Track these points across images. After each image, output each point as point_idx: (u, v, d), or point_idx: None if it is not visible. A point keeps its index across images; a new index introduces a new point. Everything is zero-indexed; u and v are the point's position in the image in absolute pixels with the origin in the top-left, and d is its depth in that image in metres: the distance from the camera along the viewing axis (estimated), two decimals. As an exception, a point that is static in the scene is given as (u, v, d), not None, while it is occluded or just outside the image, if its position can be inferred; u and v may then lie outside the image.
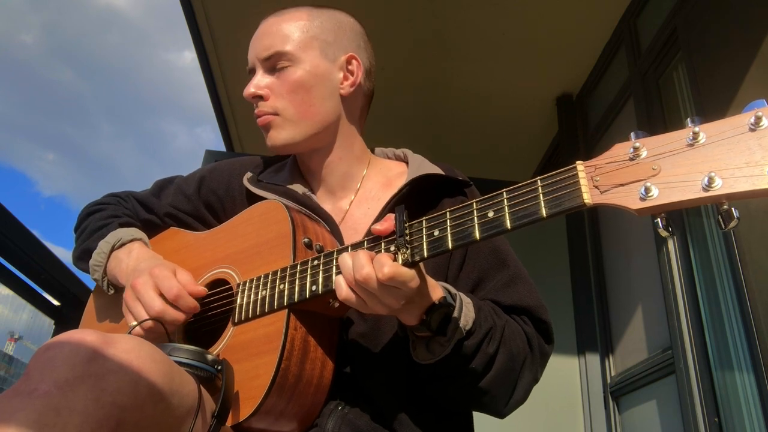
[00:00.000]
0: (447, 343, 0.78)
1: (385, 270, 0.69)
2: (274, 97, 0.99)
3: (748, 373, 1.67)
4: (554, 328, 0.94)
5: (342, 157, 1.04)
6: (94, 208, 1.14)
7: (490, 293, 0.93)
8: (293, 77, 0.98)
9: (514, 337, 0.86)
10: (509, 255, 0.97)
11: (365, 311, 0.75)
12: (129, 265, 0.98)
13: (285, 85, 0.99)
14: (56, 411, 0.55)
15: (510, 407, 0.88)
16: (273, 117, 0.99)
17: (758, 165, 0.53)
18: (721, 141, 0.56)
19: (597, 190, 0.61)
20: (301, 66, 0.99)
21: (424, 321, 0.77)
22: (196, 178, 1.13)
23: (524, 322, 0.92)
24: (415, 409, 0.88)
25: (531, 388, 0.90)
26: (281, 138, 0.99)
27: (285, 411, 0.81)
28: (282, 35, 0.99)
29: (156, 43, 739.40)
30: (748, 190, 0.53)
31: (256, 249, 0.93)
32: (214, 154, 3.09)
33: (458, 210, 0.72)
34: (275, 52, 0.99)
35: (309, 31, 1.00)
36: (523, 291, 0.93)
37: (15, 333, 2.68)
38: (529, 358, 0.88)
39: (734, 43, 1.78)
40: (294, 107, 0.99)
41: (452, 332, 0.77)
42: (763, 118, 0.54)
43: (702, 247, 1.99)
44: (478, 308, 0.82)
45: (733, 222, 0.55)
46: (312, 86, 0.99)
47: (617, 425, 2.43)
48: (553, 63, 2.98)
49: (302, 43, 0.99)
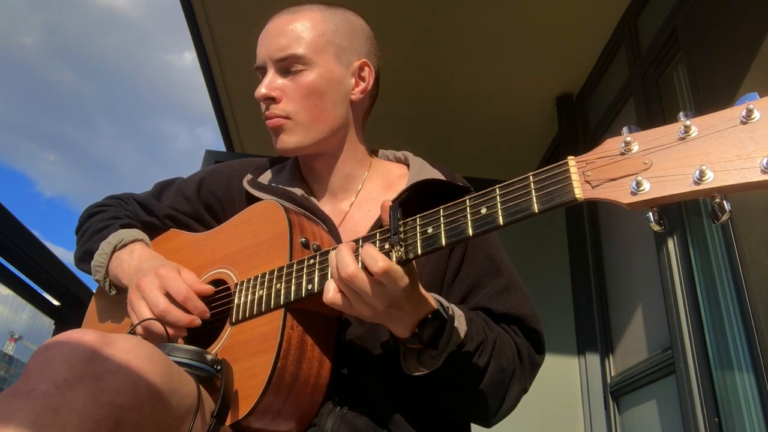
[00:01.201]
0: (438, 356, 0.78)
1: (380, 264, 0.69)
2: (286, 99, 0.97)
3: (748, 373, 1.67)
4: (555, 328, 0.94)
5: (345, 160, 1.04)
6: (94, 209, 1.14)
7: (483, 301, 0.93)
8: (307, 82, 0.96)
9: (505, 349, 0.86)
10: (504, 263, 0.97)
11: (351, 312, 0.75)
12: (131, 265, 0.98)
13: (299, 89, 0.97)
14: (55, 411, 0.55)
15: (498, 418, 0.89)
16: (284, 120, 0.97)
17: (750, 158, 0.53)
18: (712, 134, 0.56)
19: (588, 185, 0.61)
20: (316, 70, 0.97)
21: (416, 334, 0.77)
22: (196, 179, 1.13)
23: (515, 332, 0.92)
24: (413, 409, 0.88)
25: (520, 398, 0.90)
26: (292, 142, 0.98)
27: (282, 410, 0.81)
28: (297, 36, 0.97)
29: (156, 44, 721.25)
30: (740, 182, 0.53)
31: (253, 249, 0.93)
32: (214, 154, 3.10)
33: (451, 207, 0.72)
34: (290, 54, 0.96)
35: (325, 34, 0.98)
36: (516, 300, 0.93)
37: (15, 333, 2.69)
38: (519, 370, 0.88)
39: (734, 43, 1.78)
40: (306, 112, 0.97)
41: (444, 345, 0.77)
42: (755, 111, 0.54)
43: (702, 247, 1.99)
44: (470, 320, 0.82)
45: (725, 215, 0.55)
46: (325, 92, 0.98)
47: (617, 425, 2.43)
48: (553, 63, 2.97)
49: (318, 46, 0.97)
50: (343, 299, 0.74)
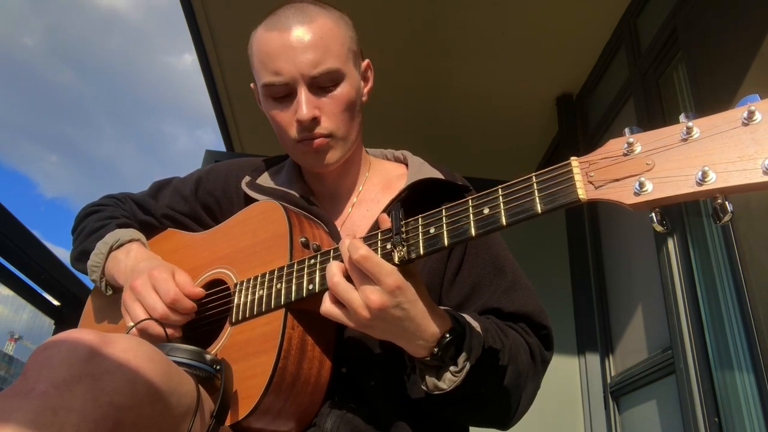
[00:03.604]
0: (458, 374, 0.76)
1: (361, 251, 0.69)
2: (325, 117, 0.92)
3: (748, 373, 1.67)
4: (554, 328, 0.94)
5: (349, 161, 1.03)
6: (91, 209, 1.14)
7: (490, 301, 0.92)
8: (344, 96, 0.93)
9: (520, 353, 0.85)
10: (507, 261, 0.96)
11: (350, 325, 0.74)
12: (128, 265, 0.98)
13: (337, 104, 0.92)
14: (53, 411, 0.55)
15: (515, 419, 0.88)
16: (328, 139, 0.93)
17: (752, 159, 0.53)
18: (714, 135, 0.56)
19: (592, 186, 0.61)
20: (348, 82, 0.93)
21: (435, 354, 0.75)
22: (193, 179, 1.13)
23: (525, 331, 0.91)
24: (412, 409, 0.88)
25: (534, 397, 0.90)
26: (335, 158, 0.96)
27: (283, 410, 0.81)
28: (326, 49, 0.91)
29: (156, 45, 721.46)
30: (742, 183, 0.53)
31: (253, 249, 0.93)
32: (213, 154, 3.09)
33: (454, 207, 0.72)
34: (326, 69, 0.90)
35: (345, 43, 0.95)
36: (523, 297, 0.93)
37: (15, 333, 2.68)
38: (532, 371, 0.87)
39: (734, 43, 1.77)
40: (345, 125, 0.95)
41: (464, 362, 0.76)
42: (756, 113, 0.54)
43: (702, 247, 1.99)
44: (485, 330, 0.81)
45: (728, 216, 0.55)
46: (355, 101, 0.96)
47: (617, 425, 2.43)
48: (553, 63, 2.97)
49: (344, 56, 0.94)
50: (342, 310, 0.73)
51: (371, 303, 0.69)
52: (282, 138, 0.98)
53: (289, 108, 0.93)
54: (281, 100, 0.94)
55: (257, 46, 0.95)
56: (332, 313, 0.74)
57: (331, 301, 0.74)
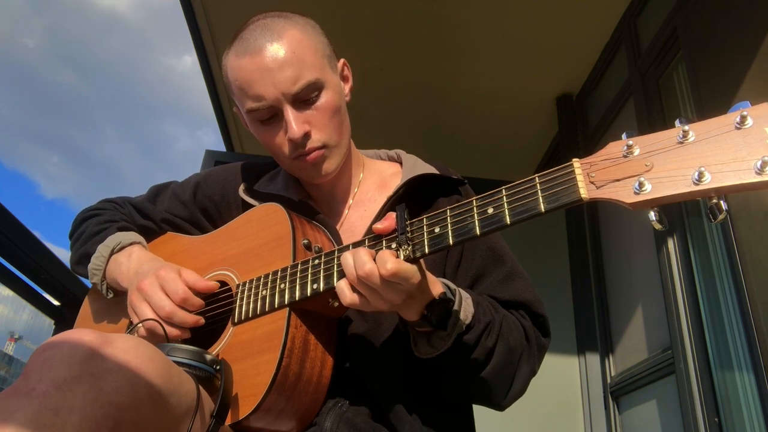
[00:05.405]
0: (447, 337, 0.79)
1: (388, 266, 0.70)
2: (315, 129, 0.93)
3: (748, 373, 1.67)
4: (554, 328, 0.97)
5: (344, 164, 1.03)
6: (89, 213, 1.14)
7: (488, 289, 0.95)
8: (327, 104, 0.93)
9: (512, 330, 0.88)
10: (505, 252, 0.99)
11: (368, 309, 0.76)
12: (130, 268, 0.98)
13: (323, 114, 0.93)
14: (54, 411, 0.55)
15: (509, 399, 0.90)
16: (323, 150, 0.94)
17: (744, 160, 0.57)
18: (709, 138, 0.60)
19: (593, 186, 0.64)
20: (329, 89, 0.94)
21: (425, 316, 0.78)
22: (192, 184, 1.13)
23: (522, 316, 0.93)
24: (415, 405, 0.88)
25: (529, 380, 0.92)
26: (333, 166, 0.97)
27: (285, 409, 0.81)
28: (300, 62, 0.90)
29: (156, 47, 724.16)
30: (736, 183, 0.57)
31: (255, 251, 0.93)
32: (214, 154, 3.10)
33: (458, 207, 0.73)
34: (306, 83, 0.90)
35: (318, 50, 0.95)
36: (520, 286, 0.95)
37: (15, 333, 2.68)
38: (527, 351, 0.90)
39: (734, 43, 1.78)
40: (336, 132, 0.95)
41: (452, 327, 0.79)
42: (748, 117, 0.58)
43: (702, 247, 1.99)
44: (477, 303, 0.84)
45: (722, 215, 0.58)
46: (340, 105, 0.96)
47: (617, 425, 2.43)
48: (553, 63, 2.98)
49: (320, 64, 0.94)
50: (361, 298, 0.75)
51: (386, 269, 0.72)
52: (277, 157, 0.98)
53: (278, 128, 0.93)
54: (268, 122, 0.94)
55: (233, 75, 0.94)
56: (355, 301, 0.76)
57: (352, 292, 0.76)
